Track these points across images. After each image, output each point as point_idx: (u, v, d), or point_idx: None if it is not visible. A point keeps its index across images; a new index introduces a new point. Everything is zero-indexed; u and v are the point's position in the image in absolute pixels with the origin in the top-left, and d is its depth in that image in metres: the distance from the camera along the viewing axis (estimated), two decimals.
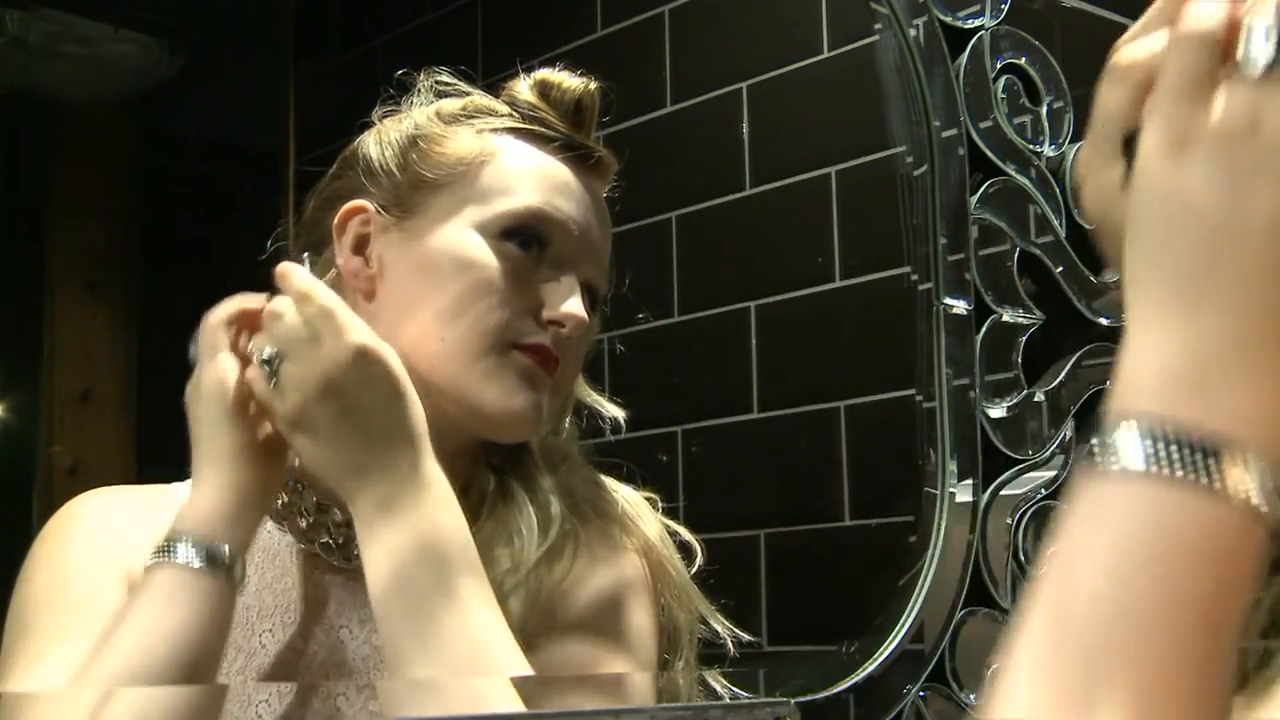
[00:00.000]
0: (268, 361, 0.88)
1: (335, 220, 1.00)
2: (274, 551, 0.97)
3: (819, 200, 1.62)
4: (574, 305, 0.96)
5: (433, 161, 1.00)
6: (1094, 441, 0.48)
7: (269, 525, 0.98)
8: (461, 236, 0.98)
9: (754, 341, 1.63)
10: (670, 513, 1.02)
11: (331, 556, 0.97)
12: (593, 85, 1.03)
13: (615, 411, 1.10)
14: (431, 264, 0.98)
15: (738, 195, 1.66)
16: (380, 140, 1.02)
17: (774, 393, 1.62)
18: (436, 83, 1.05)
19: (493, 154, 1.00)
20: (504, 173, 0.99)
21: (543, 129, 1.01)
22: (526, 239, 0.97)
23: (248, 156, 1.69)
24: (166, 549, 0.86)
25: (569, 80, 1.02)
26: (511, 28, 1.69)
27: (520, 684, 0.86)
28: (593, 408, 1.09)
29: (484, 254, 0.97)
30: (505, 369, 0.95)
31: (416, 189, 1.00)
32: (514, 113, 1.02)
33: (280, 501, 0.98)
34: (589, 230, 1.00)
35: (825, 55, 1.64)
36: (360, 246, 0.99)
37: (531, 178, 0.99)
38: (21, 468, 1.47)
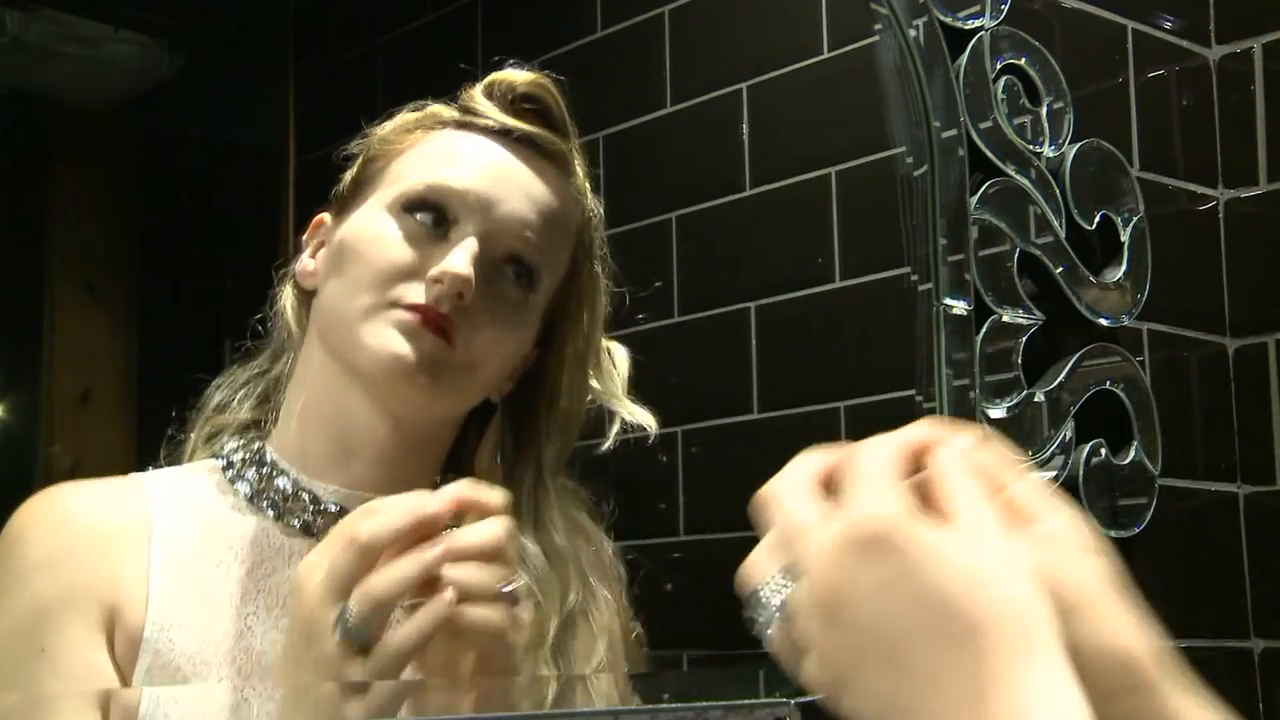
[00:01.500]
0: None
1: (305, 235, 1.07)
2: (252, 537, 0.98)
3: (819, 200, 1.62)
4: (454, 262, 0.96)
5: (369, 163, 1.05)
6: None
7: (246, 511, 0.99)
8: (367, 216, 1.01)
9: (754, 341, 1.63)
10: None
11: (309, 537, 0.98)
12: (540, 78, 1.04)
13: (645, 418, 1.13)
14: (340, 245, 1.02)
15: (738, 195, 1.66)
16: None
17: (774, 393, 1.62)
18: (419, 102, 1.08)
19: (416, 145, 1.03)
20: (417, 156, 1.03)
21: (474, 118, 1.03)
22: (425, 210, 1.00)
23: (248, 156, 1.68)
24: None
25: (514, 75, 1.04)
26: (511, 28, 1.69)
27: None
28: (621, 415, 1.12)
29: (383, 227, 1.00)
30: (382, 324, 0.97)
31: (353, 189, 1.05)
32: (457, 110, 1.05)
33: (255, 486, 1.00)
34: (501, 202, 1.00)
35: (825, 56, 1.64)
36: (315, 251, 1.06)
37: (442, 156, 1.02)
38: (21, 468, 1.47)
